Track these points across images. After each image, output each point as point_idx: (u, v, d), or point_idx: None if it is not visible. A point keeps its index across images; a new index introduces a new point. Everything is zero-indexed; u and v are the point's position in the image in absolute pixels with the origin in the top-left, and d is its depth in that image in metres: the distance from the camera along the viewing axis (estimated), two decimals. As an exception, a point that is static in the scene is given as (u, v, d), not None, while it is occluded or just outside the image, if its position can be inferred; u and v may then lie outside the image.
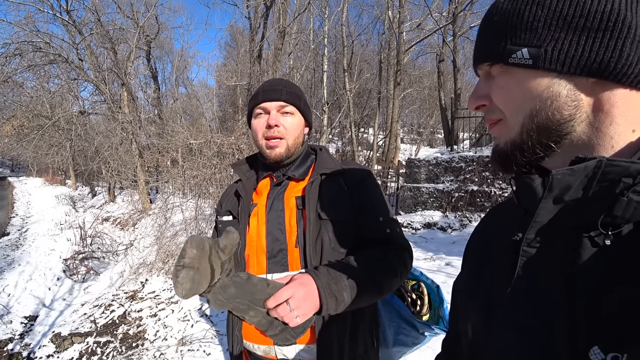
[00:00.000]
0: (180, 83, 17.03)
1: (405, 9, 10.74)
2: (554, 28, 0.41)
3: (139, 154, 8.92)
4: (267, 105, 1.06)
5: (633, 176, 0.37)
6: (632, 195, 0.37)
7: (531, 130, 0.44)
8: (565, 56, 0.40)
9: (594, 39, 0.39)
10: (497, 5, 0.46)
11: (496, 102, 0.47)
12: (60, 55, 8.84)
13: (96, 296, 5.20)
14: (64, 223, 9.54)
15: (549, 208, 0.43)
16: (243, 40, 13.59)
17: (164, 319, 4.03)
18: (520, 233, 0.48)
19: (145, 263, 5.50)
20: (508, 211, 0.59)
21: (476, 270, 0.59)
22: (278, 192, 1.08)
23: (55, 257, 6.69)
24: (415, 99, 21.09)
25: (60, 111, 9.66)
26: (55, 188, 16.63)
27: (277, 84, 1.10)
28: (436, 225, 7.07)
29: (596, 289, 0.39)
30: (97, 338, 3.95)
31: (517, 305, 0.47)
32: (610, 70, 0.39)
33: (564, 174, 0.40)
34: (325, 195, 1.03)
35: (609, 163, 0.37)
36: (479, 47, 0.49)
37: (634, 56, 0.38)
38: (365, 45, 16.79)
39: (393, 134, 12.04)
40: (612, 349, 0.35)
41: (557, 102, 0.42)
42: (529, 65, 0.42)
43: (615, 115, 0.41)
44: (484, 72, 0.50)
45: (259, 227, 1.06)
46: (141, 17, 10.55)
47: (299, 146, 1.11)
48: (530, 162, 0.46)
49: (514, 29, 0.43)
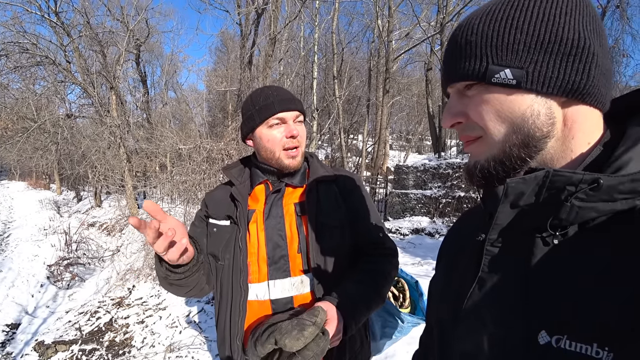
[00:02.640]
0: (169, 87, 16.89)
1: (394, 18, 10.93)
2: (533, 51, 0.44)
3: (126, 158, 8.81)
4: (284, 115, 1.06)
5: (575, 184, 0.42)
6: (574, 201, 0.42)
7: (514, 146, 0.47)
8: (544, 77, 0.44)
9: (567, 62, 0.44)
10: (471, 26, 0.49)
11: (476, 120, 0.49)
12: (47, 57, 8.69)
13: (81, 303, 5.10)
14: (48, 228, 9.33)
15: (507, 212, 0.48)
16: (234, 45, 13.60)
17: (152, 325, 4.00)
18: (483, 234, 0.53)
19: (132, 269, 5.43)
20: (476, 216, 0.63)
21: (447, 272, 0.65)
22: (276, 199, 1.09)
23: (39, 263, 6.54)
24: (404, 106, 21.35)
25: (47, 114, 9.47)
26: (39, 192, 16.25)
27: (289, 94, 1.11)
28: (424, 231, 7.17)
29: (545, 282, 0.44)
30: (83, 346, 3.88)
31: (480, 298, 0.51)
32: (580, 90, 0.44)
33: (517, 182, 0.45)
34: (323, 202, 1.07)
35: (555, 173, 0.42)
36: (452, 65, 0.51)
37: (597, 79, 0.44)
38: (355, 53, 16.99)
39: (382, 141, 12.17)
40: (556, 332, 0.40)
41: (538, 120, 0.46)
42: (511, 85, 0.45)
43: (576, 130, 0.46)
44: (456, 91, 0.52)
45: (258, 233, 1.06)
46: (131, 20, 10.47)
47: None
48: (508, 176, 0.49)
49: (496, 49, 0.46)
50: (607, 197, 0.41)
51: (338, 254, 1.05)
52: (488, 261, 0.52)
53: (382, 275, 1.06)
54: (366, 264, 1.07)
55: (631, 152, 0.43)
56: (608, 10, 7.71)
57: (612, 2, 7.70)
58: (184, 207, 6.04)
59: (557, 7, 0.44)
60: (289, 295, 1.03)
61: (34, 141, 10.36)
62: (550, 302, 0.42)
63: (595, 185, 0.40)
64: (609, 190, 0.40)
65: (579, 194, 0.42)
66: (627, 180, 0.40)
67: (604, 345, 0.36)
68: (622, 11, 7.64)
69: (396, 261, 1.13)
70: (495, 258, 0.51)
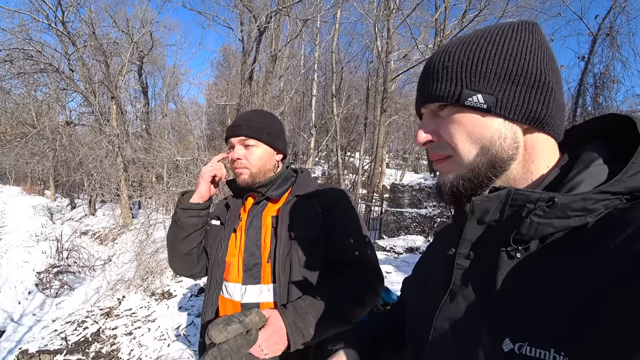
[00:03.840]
0: (170, 99, 17.08)
1: (393, 39, 11.20)
2: (503, 81, 0.49)
3: (123, 167, 8.83)
4: (231, 141, 1.21)
5: (533, 202, 0.46)
6: (534, 217, 0.46)
7: (482, 166, 0.51)
8: (512, 104, 0.49)
9: (530, 93, 0.49)
10: (448, 53, 0.52)
11: (447, 140, 0.53)
12: (51, 65, 8.81)
13: (69, 312, 5.03)
14: (40, 235, 9.24)
15: (474, 227, 0.52)
16: (235, 61, 13.83)
17: (140, 337, 3.94)
18: (454, 248, 0.56)
19: (123, 279, 5.38)
20: (450, 232, 0.67)
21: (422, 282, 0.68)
22: (257, 211, 1.19)
23: (28, 270, 6.45)
24: (401, 126, 21.58)
25: (47, 120, 9.52)
26: (33, 198, 16.08)
27: (241, 119, 1.22)
28: (418, 249, 7.16)
29: (508, 292, 0.47)
30: (67, 356, 3.81)
31: (451, 310, 0.54)
32: (541, 119, 0.49)
33: (482, 200, 0.49)
34: (298, 216, 1.12)
35: (516, 192, 0.47)
36: (428, 88, 0.54)
37: (554, 110, 0.50)
38: (354, 72, 17.30)
39: (378, 159, 12.28)
40: (518, 340, 0.43)
41: (505, 143, 0.50)
42: (482, 109, 0.50)
43: (536, 155, 0.51)
44: (429, 111, 0.55)
45: (240, 241, 1.16)
46: (136, 32, 10.69)
47: (267, 172, 1.22)
48: (475, 193, 0.53)
49: (470, 76, 0.50)
50: (561, 214, 0.45)
51: (307, 267, 1.07)
52: (459, 274, 0.55)
53: (348, 293, 1.02)
54: (333, 281, 1.06)
55: (583, 174, 0.47)
56: (599, 37, 7.96)
57: (603, 30, 7.95)
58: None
59: (523, 45, 0.50)
60: (257, 301, 1.10)
61: (31, 147, 10.38)
62: (513, 311, 0.45)
63: (551, 203, 0.44)
64: (562, 207, 0.44)
65: (537, 211, 0.46)
66: (578, 199, 0.44)
67: (560, 350, 0.39)
68: (612, 39, 7.89)
69: (372, 280, 1.08)
70: (465, 271, 0.55)
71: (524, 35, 0.50)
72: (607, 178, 0.47)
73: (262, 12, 6.84)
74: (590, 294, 0.39)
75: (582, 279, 0.41)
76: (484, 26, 0.56)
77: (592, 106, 7.88)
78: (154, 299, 4.83)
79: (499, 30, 0.52)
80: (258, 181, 1.20)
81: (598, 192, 0.44)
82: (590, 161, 0.48)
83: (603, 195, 0.44)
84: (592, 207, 0.44)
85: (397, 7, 10.01)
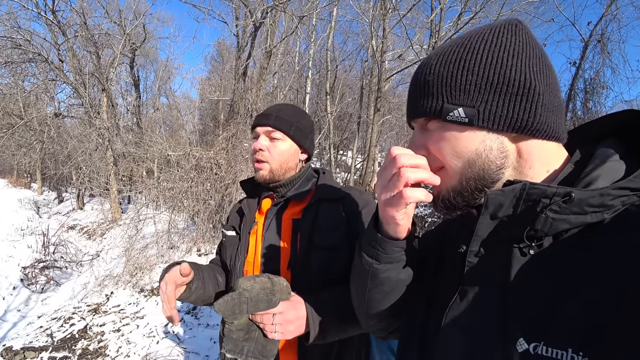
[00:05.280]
0: (162, 93, 16.82)
1: (388, 39, 11.21)
2: (484, 92, 0.48)
3: (113, 161, 8.70)
4: (258, 130, 1.13)
5: (549, 197, 0.44)
6: (549, 213, 0.45)
7: (470, 179, 0.51)
8: (494, 116, 0.48)
9: (514, 102, 0.47)
10: (428, 67, 0.52)
11: (435, 154, 0.53)
12: (40, 55, 8.60)
13: (55, 308, 4.94)
14: (26, 229, 9.05)
15: (487, 223, 0.50)
16: (229, 56, 13.70)
17: (128, 334, 3.89)
18: (465, 245, 0.55)
19: (111, 275, 5.30)
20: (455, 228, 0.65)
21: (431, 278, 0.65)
22: (277, 213, 1.11)
23: (13, 265, 6.31)
24: (394, 125, 21.64)
25: (34, 111, 9.31)
26: (18, 191, 15.74)
27: (272, 109, 1.14)
28: (408, 249, 7.21)
29: (522, 291, 0.46)
30: (53, 353, 3.75)
31: (461, 307, 0.53)
32: (529, 127, 0.48)
33: (497, 194, 0.47)
34: (320, 221, 1.05)
35: (531, 186, 0.45)
36: (413, 102, 0.54)
37: (543, 116, 0.48)
38: (349, 71, 17.28)
39: (371, 158, 12.30)
40: (533, 339, 0.42)
41: (491, 154, 0.49)
42: (464, 122, 0.49)
43: (533, 161, 0.50)
44: (419, 125, 0.56)
45: (257, 245, 1.09)
46: (129, 24, 10.50)
47: (288, 170, 1.14)
48: (469, 205, 0.53)
49: (449, 89, 0.49)
50: (578, 209, 0.44)
51: (329, 276, 1.02)
52: (469, 272, 0.53)
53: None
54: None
55: (599, 170, 0.46)
56: (590, 44, 8.08)
57: (594, 36, 8.07)
58: (169, 214, 5.97)
59: (504, 50, 0.48)
60: None
61: (18, 138, 10.15)
62: (527, 311, 0.44)
63: (568, 198, 0.43)
64: (580, 203, 0.43)
65: (553, 206, 0.44)
66: (596, 194, 0.43)
67: (578, 350, 0.38)
68: (603, 46, 8.02)
69: None
70: (476, 269, 0.53)
71: (505, 38, 0.49)
72: (624, 174, 0.45)
73: (258, 7, 6.78)
74: (608, 292, 0.38)
75: (600, 276, 0.40)
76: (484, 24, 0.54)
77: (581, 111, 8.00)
78: (143, 295, 4.77)
79: (479, 36, 0.50)
80: (277, 179, 1.12)
81: (616, 188, 0.43)
82: (606, 157, 0.47)
83: (621, 192, 0.43)
84: (610, 203, 0.43)
85: (394, 7, 10.01)
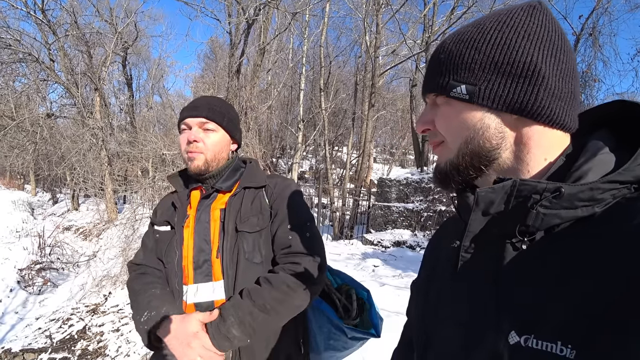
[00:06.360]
0: (155, 91, 16.74)
1: (381, 35, 11.21)
2: (487, 71, 0.48)
3: (108, 161, 8.65)
4: (189, 122, 1.13)
5: (539, 193, 0.45)
6: (540, 208, 0.45)
7: (466, 155, 0.51)
8: (495, 95, 0.48)
9: (517, 83, 0.47)
10: (444, 45, 0.54)
11: (438, 128, 0.55)
12: (30, 54, 8.50)
13: (53, 309, 4.93)
14: (21, 230, 8.99)
15: (479, 219, 0.51)
16: (222, 53, 13.63)
17: (127, 334, 3.91)
18: (458, 241, 0.56)
19: (109, 275, 5.30)
20: (453, 224, 0.67)
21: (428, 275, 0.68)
22: (206, 204, 1.14)
23: (9, 267, 6.28)
24: (389, 121, 21.72)
25: (26, 112, 9.21)
26: (12, 192, 15.60)
27: (201, 101, 1.16)
28: (405, 243, 7.26)
29: (514, 284, 0.47)
30: (53, 354, 3.75)
31: (456, 302, 0.54)
32: (528, 110, 0.48)
33: (487, 191, 0.48)
34: (245, 208, 1.09)
35: (522, 183, 0.46)
36: (427, 79, 0.56)
37: (546, 100, 0.47)
38: (342, 67, 17.26)
39: (366, 154, 12.34)
40: (524, 332, 0.43)
41: (487, 132, 0.50)
42: (465, 99, 0.50)
43: (532, 146, 0.50)
44: (430, 101, 0.57)
45: (189, 238, 1.10)
46: (120, 22, 10.40)
47: (221, 161, 1.16)
48: (466, 181, 0.54)
49: (456, 67, 0.51)
50: (568, 204, 0.44)
51: (255, 261, 1.06)
52: (463, 267, 0.55)
53: (270, 288, 1.00)
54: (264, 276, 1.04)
55: (590, 163, 0.46)
56: (582, 37, 8.15)
57: (586, 30, 8.14)
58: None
59: (515, 31, 0.48)
60: (210, 299, 1.06)
61: (10, 139, 10.03)
62: (518, 304, 0.45)
63: (558, 194, 0.43)
64: (570, 198, 0.43)
65: (543, 202, 0.45)
66: (586, 189, 0.43)
67: (567, 343, 0.38)
68: (595, 39, 8.09)
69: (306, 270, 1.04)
70: (469, 264, 0.54)
71: (519, 19, 0.49)
72: (614, 167, 0.46)
73: (250, 4, 6.75)
74: (597, 284, 0.38)
75: (590, 269, 0.40)
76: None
77: (574, 103, 8.08)
78: (141, 295, 4.78)
79: (494, 17, 0.51)
80: (211, 169, 1.14)
81: (606, 182, 0.43)
82: (597, 150, 0.47)
83: (611, 185, 0.43)
84: (600, 197, 0.43)
85: (387, 2, 10.00)
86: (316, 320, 1.17)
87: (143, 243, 1.23)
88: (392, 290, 4.05)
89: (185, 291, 1.08)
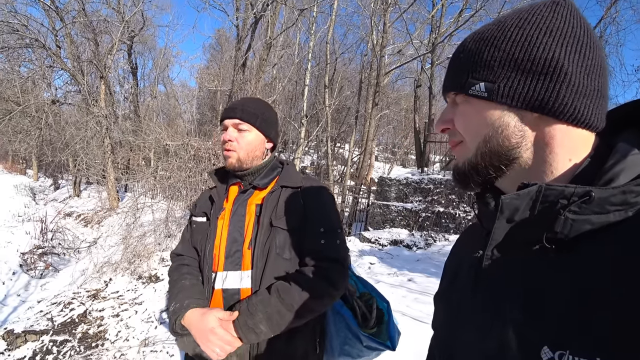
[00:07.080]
0: (160, 81, 16.71)
1: (388, 34, 11.22)
2: (507, 68, 0.47)
3: (111, 149, 8.71)
4: (226, 122, 1.23)
5: (567, 198, 0.42)
6: (568, 214, 0.42)
7: (485, 154, 0.50)
8: (514, 92, 0.47)
9: (537, 80, 0.46)
10: (464, 44, 0.53)
11: (457, 127, 0.54)
12: (37, 40, 8.52)
13: (54, 293, 5.03)
14: (23, 215, 9.08)
15: (503, 227, 0.48)
16: (228, 45, 13.64)
17: (127, 319, 3.99)
18: (481, 250, 0.53)
19: (110, 262, 5.39)
20: (475, 232, 0.64)
21: (449, 285, 0.66)
22: (243, 199, 1.22)
23: (11, 250, 6.38)
24: (392, 120, 21.73)
25: (32, 98, 9.25)
26: (14, 177, 15.71)
27: (237, 103, 1.25)
28: (402, 242, 7.33)
29: (543, 296, 0.43)
30: (54, 336, 3.84)
31: (479, 313, 0.51)
32: (549, 107, 0.45)
33: (512, 198, 0.45)
34: (281, 205, 1.16)
35: (547, 187, 0.43)
36: (447, 77, 0.56)
37: (569, 98, 0.45)
38: (348, 64, 17.28)
39: (368, 152, 12.40)
40: (558, 348, 0.39)
41: (507, 131, 0.48)
42: (484, 97, 0.49)
43: (554, 146, 0.47)
44: (450, 100, 0.56)
45: (223, 229, 1.19)
46: (127, 11, 10.40)
47: (255, 159, 1.24)
48: (485, 182, 0.52)
49: (475, 65, 0.50)
50: (599, 209, 0.41)
51: (284, 256, 1.12)
52: (486, 277, 0.52)
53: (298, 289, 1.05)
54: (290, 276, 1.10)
55: (622, 164, 0.43)
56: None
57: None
58: (166, 203, 6.04)
59: (537, 28, 0.46)
60: (237, 287, 1.13)
61: (15, 124, 10.09)
62: (551, 317, 0.41)
63: (587, 198, 0.41)
64: (600, 202, 0.41)
65: (572, 207, 0.42)
66: (618, 192, 0.40)
67: (607, 358, 0.36)
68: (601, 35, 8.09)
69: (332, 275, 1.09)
70: (493, 274, 0.51)
71: (542, 15, 0.47)
72: None
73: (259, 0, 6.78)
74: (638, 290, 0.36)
75: (629, 279, 0.37)
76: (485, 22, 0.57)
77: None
78: (141, 282, 4.87)
79: (517, 13, 0.49)
80: (245, 167, 1.22)
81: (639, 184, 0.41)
82: (627, 151, 0.44)
83: None
84: (634, 201, 0.41)
85: (394, 2, 10.00)
86: (335, 323, 1.21)
87: (182, 235, 1.35)
88: (387, 288, 4.13)
89: (215, 278, 1.16)
